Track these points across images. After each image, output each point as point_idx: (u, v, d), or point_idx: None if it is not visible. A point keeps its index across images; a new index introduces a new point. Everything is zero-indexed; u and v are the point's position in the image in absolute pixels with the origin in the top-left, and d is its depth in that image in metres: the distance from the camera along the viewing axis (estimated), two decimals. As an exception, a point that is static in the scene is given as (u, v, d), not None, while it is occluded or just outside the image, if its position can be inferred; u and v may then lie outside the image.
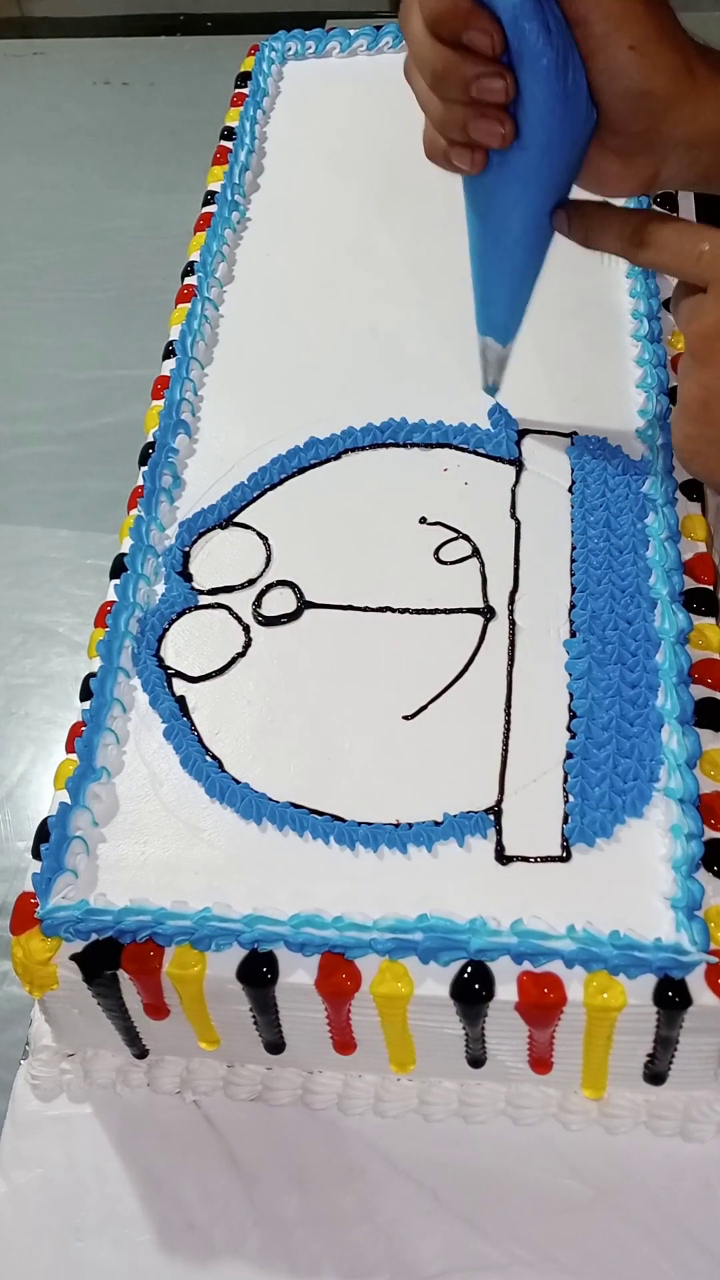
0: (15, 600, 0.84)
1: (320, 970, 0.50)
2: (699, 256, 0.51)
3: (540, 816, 0.53)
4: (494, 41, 0.49)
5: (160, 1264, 0.53)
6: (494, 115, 0.51)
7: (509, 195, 0.54)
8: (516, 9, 0.48)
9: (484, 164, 0.53)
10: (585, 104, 0.51)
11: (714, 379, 0.50)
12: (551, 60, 0.49)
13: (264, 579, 0.63)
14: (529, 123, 0.51)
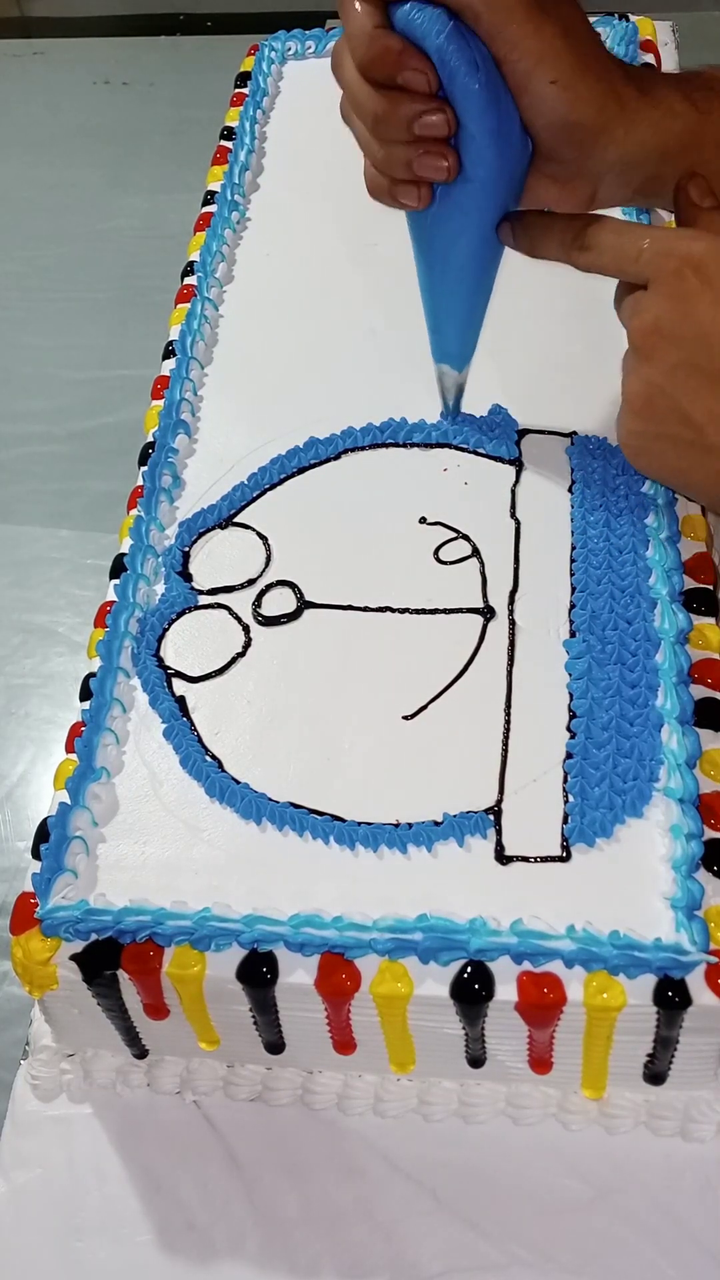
0: (15, 600, 0.84)
1: (320, 970, 0.50)
2: (638, 255, 0.51)
3: (540, 816, 0.53)
4: (429, 79, 0.50)
5: (160, 1264, 0.53)
6: (437, 150, 0.52)
7: (453, 226, 0.56)
8: (443, 49, 0.50)
9: (430, 199, 0.54)
10: (519, 135, 0.53)
11: (656, 374, 0.51)
12: (482, 96, 0.51)
13: (264, 579, 0.63)
14: (469, 156, 0.52)
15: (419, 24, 0.50)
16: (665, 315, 0.50)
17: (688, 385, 0.50)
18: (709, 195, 0.54)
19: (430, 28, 0.50)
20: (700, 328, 0.50)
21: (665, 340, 0.51)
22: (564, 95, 0.52)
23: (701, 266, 0.50)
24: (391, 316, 0.74)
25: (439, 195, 0.54)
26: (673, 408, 0.51)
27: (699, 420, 0.51)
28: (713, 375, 0.50)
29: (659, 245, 0.51)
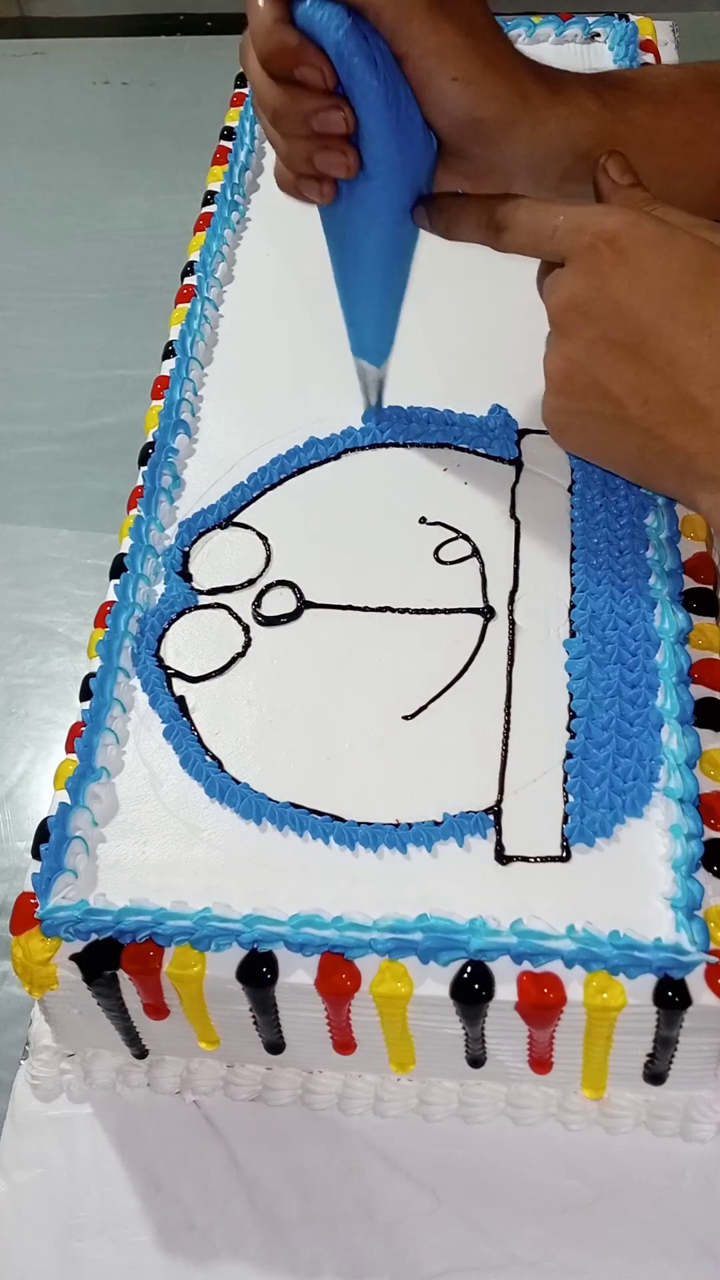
0: (15, 600, 0.83)
1: (320, 970, 0.50)
2: (553, 232, 0.51)
3: (540, 816, 0.53)
4: (325, 76, 0.50)
5: (160, 1264, 0.53)
6: (337, 147, 0.52)
7: (360, 223, 0.55)
8: (341, 45, 0.50)
9: (334, 194, 0.54)
10: (422, 133, 0.53)
11: (574, 350, 0.51)
12: (380, 93, 0.50)
13: (264, 579, 0.63)
14: (370, 154, 0.52)
15: (318, 20, 0.50)
16: (581, 291, 0.50)
17: (605, 360, 0.50)
18: (628, 172, 0.53)
19: (329, 24, 0.50)
20: (615, 302, 0.49)
21: (582, 316, 0.50)
22: (466, 92, 0.52)
23: (615, 240, 0.49)
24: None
25: (344, 191, 0.54)
26: (592, 383, 0.51)
27: (618, 394, 0.50)
28: (629, 349, 0.49)
29: (573, 221, 0.51)
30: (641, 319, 0.49)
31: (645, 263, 0.49)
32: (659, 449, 0.50)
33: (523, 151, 0.54)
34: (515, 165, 0.55)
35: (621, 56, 0.87)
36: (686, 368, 0.48)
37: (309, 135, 0.52)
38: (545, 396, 0.54)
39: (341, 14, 0.50)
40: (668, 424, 0.50)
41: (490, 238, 0.54)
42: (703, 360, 0.48)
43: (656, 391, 0.49)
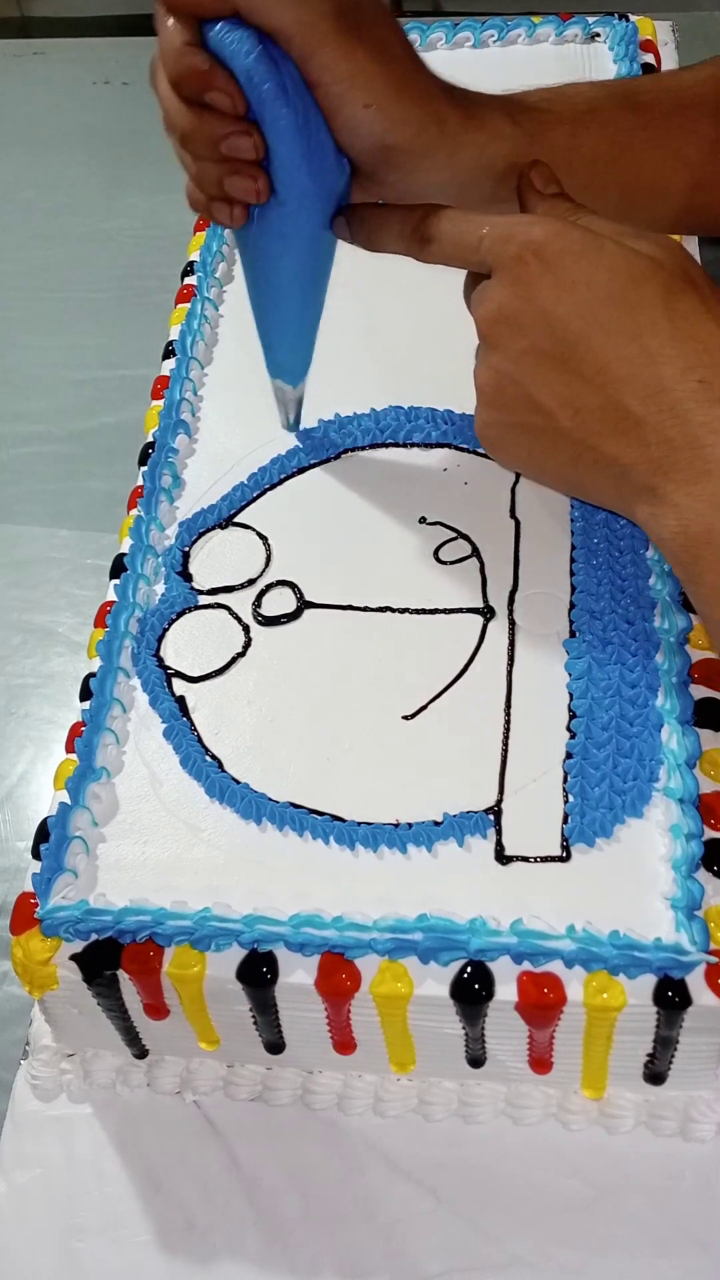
0: (15, 600, 0.83)
1: (320, 970, 0.50)
2: (478, 243, 0.50)
3: (540, 816, 0.53)
4: (234, 102, 0.50)
5: (160, 1264, 0.53)
6: (247, 172, 0.51)
7: (272, 247, 0.55)
8: (250, 70, 0.49)
9: (245, 218, 0.54)
10: (335, 159, 0.52)
11: (503, 361, 0.50)
12: (290, 120, 0.50)
13: (264, 579, 0.63)
14: (281, 179, 0.52)
15: (228, 45, 0.49)
16: (508, 302, 0.49)
17: (535, 371, 0.49)
18: (552, 182, 0.53)
19: (239, 49, 0.49)
20: (544, 313, 0.48)
21: (510, 327, 0.49)
22: (379, 118, 0.51)
23: (542, 251, 0.48)
24: (391, 315, 0.74)
25: (255, 216, 0.54)
26: (522, 395, 0.50)
27: (549, 405, 0.49)
28: (559, 359, 0.49)
29: (498, 232, 0.50)
30: (570, 329, 0.48)
31: (572, 273, 0.48)
32: (592, 460, 0.49)
33: (439, 178, 0.53)
34: (432, 191, 0.54)
35: (621, 56, 0.86)
36: (618, 377, 0.47)
37: (219, 159, 0.51)
38: (476, 410, 0.53)
39: (252, 39, 0.49)
40: (601, 434, 0.49)
41: (414, 249, 0.53)
42: (634, 369, 0.47)
43: (588, 402, 0.48)
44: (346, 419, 0.69)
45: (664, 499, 0.47)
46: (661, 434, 0.47)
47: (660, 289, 0.47)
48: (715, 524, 0.46)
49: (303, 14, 0.49)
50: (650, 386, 0.47)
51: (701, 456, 0.46)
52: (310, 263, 0.57)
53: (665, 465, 0.47)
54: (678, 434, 0.46)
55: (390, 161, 0.53)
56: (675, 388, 0.46)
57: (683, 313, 0.47)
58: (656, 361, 0.47)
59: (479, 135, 0.54)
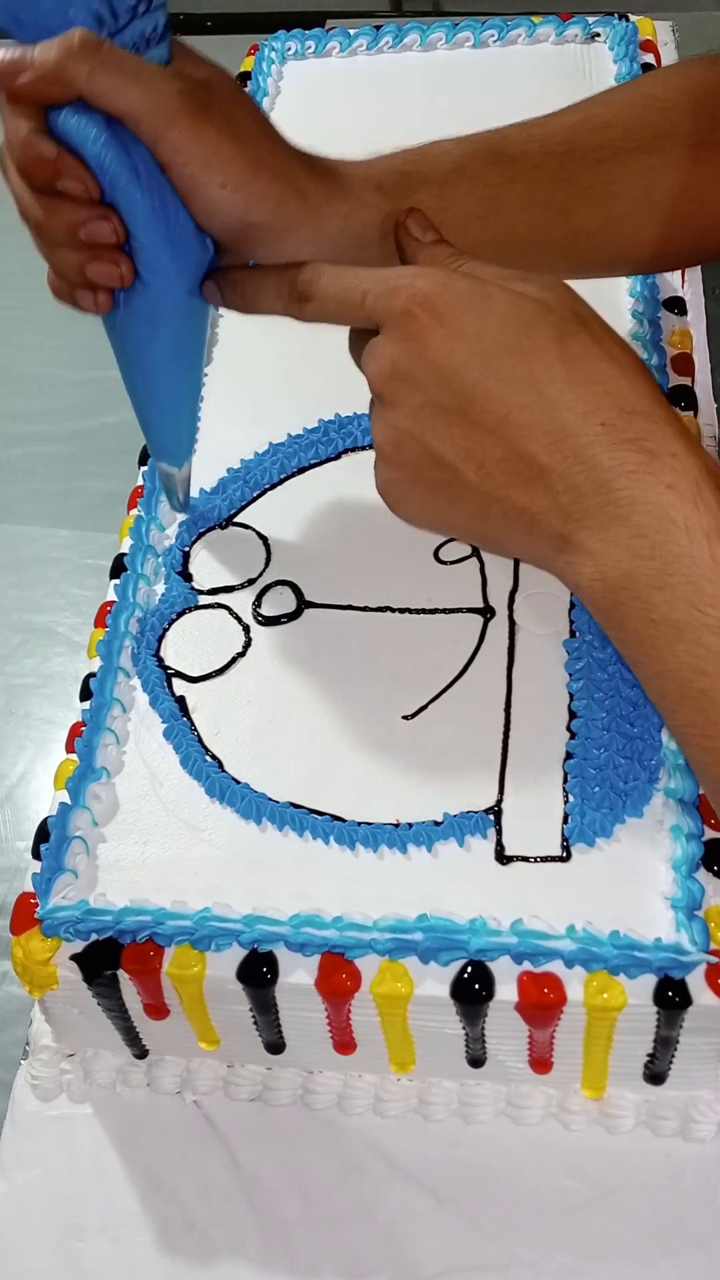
0: (15, 600, 0.83)
1: (320, 970, 0.50)
2: (362, 300, 0.49)
3: (540, 816, 0.53)
4: (87, 188, 0.48)
5: (160, 1264, 0.53)
6: (108, 258, 0.50)
7: (141, 330, 0.54)
8: (100, 157, 0.48)
9: (110, 304, 0.52)
10: (195, 239, 0.51)
11: (402, 419, 0.48)
12: (146, 204, 0.49)
13: (264, 579, 0.63)
14: (143, 262, 0.50)
15: (75, 131, 0.48)
16: (401, 358, 0.47)
17: (435, 426, 0.47)
18: (429, 229, 0.51)
19: (86, 135, 0.47)
20: (437, 366, 0.47)
21: (404, 383, 0.47)
22: (237, 198, 0.50)
23: (429, 303, 0.47)
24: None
25: (121, 300, 0.52)
26: (423, 451, 0.48)
27: (451, 460, 0.47)
28: (457, 412, 0.47)
29: (383, 286, 0.48)
30: (466, 381, 0.46)
31: (462, 323, 0.46)
32: (501, 511, 0.48)
33: (305, 251, 0.52)
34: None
35: (621, 56, 0.86)
36: (519, 426, 0.46)
37: (78, 246, 0.50)
38: (376, 468, 0.50)
39: (99, 123, 0.47)
40: (507, 485, 0.47)
41: (293, 309, 0.52)
42: (535, 417, 0.46)
43: (492, 453, 0.47)
44: (346, 419, 0.68)
45: (578, 546, 0.46)
46: (568, 481, 0.45)
47: (552, 332, 0.46)
48: (632, 569, 0.44)
49: (149, 96, 0.47)
50: (553, 434, 0.45)
51: (612, 501, 0.44)
52: (181, 341, 0.55)
53: (575, 512, 0.45)
54: (585, 480, 0.45)
55: (253, 239, 0.52)
56: (578, 433, 0.45)
57: (577, 354, 0.46)
58: (557, 407, 0.45)
59: (343, 205, 0.53)
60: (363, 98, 0.89)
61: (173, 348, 0.55)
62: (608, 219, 0.58)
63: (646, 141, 0.58)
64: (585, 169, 0.57)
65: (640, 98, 0.60)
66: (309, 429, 0.69)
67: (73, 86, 0.47)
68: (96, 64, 0.47)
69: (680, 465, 0.44)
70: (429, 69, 0.91)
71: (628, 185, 0.57)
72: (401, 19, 0.99)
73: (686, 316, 0.73)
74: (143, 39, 0.49)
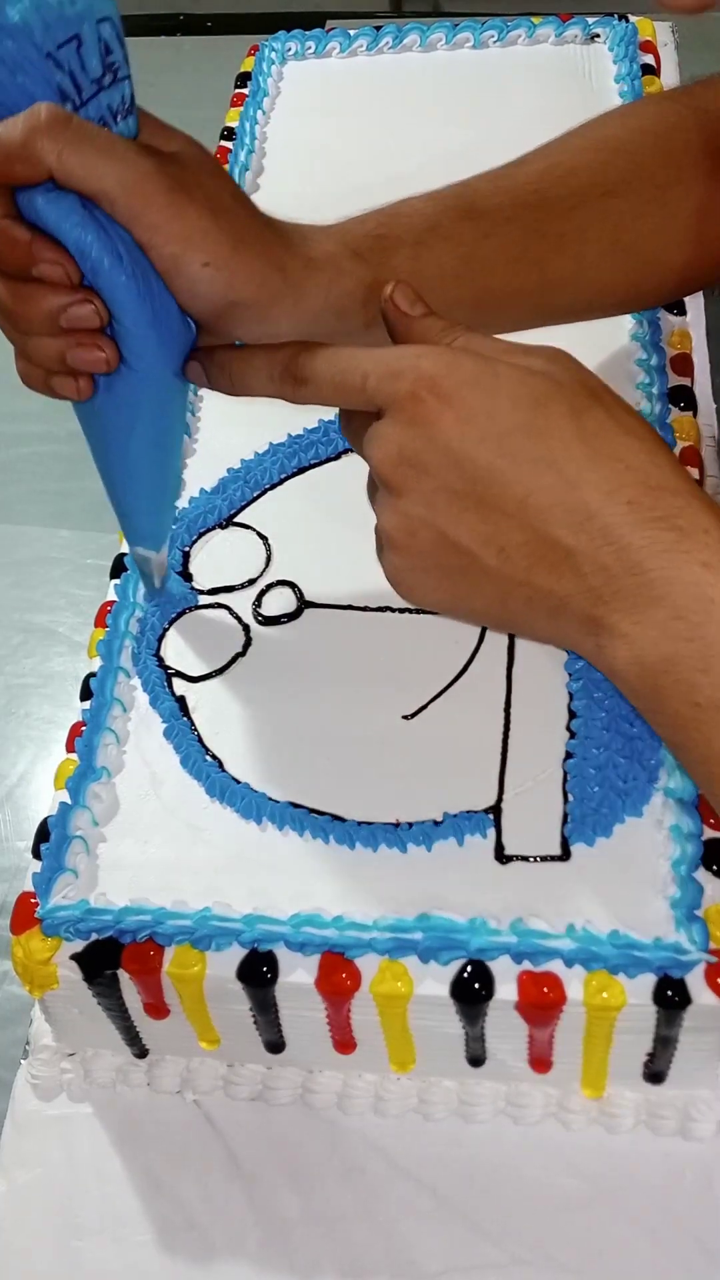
0: (15, 600, 0.84)
1: (320, 970, 0.50)
2: (362, 383, 0.47)
3: (540, 816, 0.53)
4: (68, 271, 0.46)
5: (160, 1264, 0.53)
6: (91, 343, 0.48)
7: (122, 417, 0.52)
8: (80, 242, 0.45)
9: (91, 390, 0.50)
10: (179, 319, 0.49)
11: (413, 506, 0.46)
12: (131, 287, 0.46)
13: (264, 579, 0.63)
14: (129, 347, 0.48)
15: (50, 215, 0.45)
16: (409, 443, 0.45)
17: (449, 512, 0.45)
18: (418, 301, 0.49)
19: (64, 219, 0.45)
20: (448, 450, 0.45)
21: (414, 469, 0.45)
22: (220, 276, 0.48)
23: (436, 385, 0.45)
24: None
25: (102, 385, 0.50)
26: (438, 537, 0.46)
27: (469, 546, 0.46)
28: (472, 497, 0.45)
29: (385, 369, 0.46)
30: (480, 464, 0.45)
31: (472, 404, 0.45)
32: (524, 596, 0.46)
33: (286, 327, 0.50)
34: (280, 338, 0.51)
35: (621, 57, 0.87)
36: (540, 508, 0.44)
37: (57, 333, 0.47)
38: (385, 557, 0.48)
39: (76, 206, 0.45)
40: (530, 569, 0.45)
41: (286, 390, 0.50)
42: (556, 498, 0.44)
43: (512, 537, 0.45)
44: (346, 419, 0.68)
45: (610, 630, 0.44)
46: (597, 562, 0.44)
47: (566, 409, 0.45)
48: (671, 652, 0.43)
49: (125, 175, 0.45)
50: (577, 514, 0.44)
51: (646, 582, 0.43)
52: (164, 424, 0.53)
53: (606, 595, 0.44)
54: (614, 561, 0.43)
55: (235, 317, 0.50)
56: (603, 512, 0.43)
57: (594, 431, 0.45)
58: (578, 487, 0.44)
59: (321, 276, 0.51)
60: (363, 98, 0.89)
61: (156, 429, 0.53)
62: (579, 267, 0.58)
63: (613, 185, 0.57)
64: (555, 219, 0.56)
65: (602, 141, 0.59)
66: (309, 429, 0.69)
67: (42, 165, 0.44)
68: (66, 141, 0.44)
69: (713, 541, 0.43)
70: (429, 69, 0.91)
71: (597, 232, 0.57)
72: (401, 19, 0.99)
73: (686, 316, 0.73)
74: (110, 112, 0.47)
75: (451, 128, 0.86)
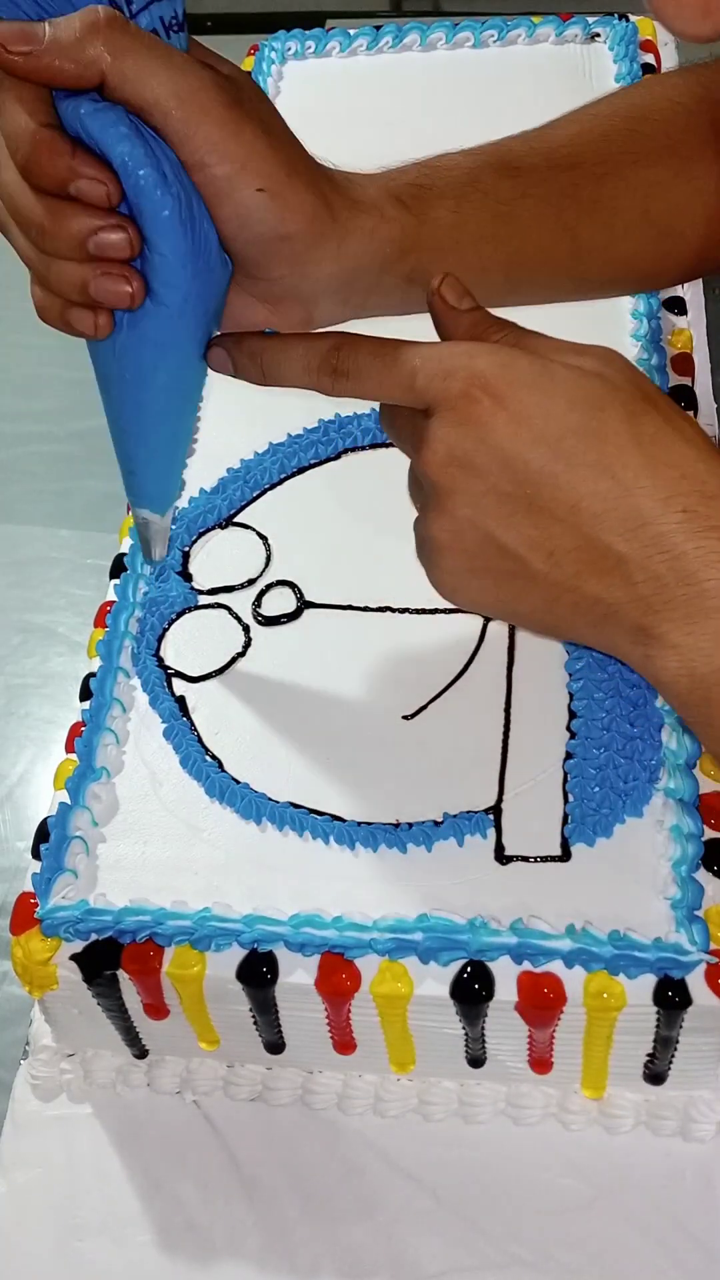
0: (15, 600, 0.84)
1: (320, 970, 0.50)
2: (411, 380, 0.45)
3: (540, 816, 0.53)
4: (110, 191, 0.42)
5: (160, 1264, 0.53)
6: (118, 273, 0.43)
7: (144, 359, 0.47)
8: (127, 156, 0.41)
9: (111, 327, 0.46)
10: (218, 254, 0.45)
11: (462, 506, 0.45)
12: (174, 211, 0.42)
13: (264, 579, 0.63)
14: (161, 279, 0.44)
15: (96, 125, 0.41)
16: (459, 443, 0.44)
17: (499, 514, 0.44)
18: (466, 295, 0.47)
19: (109, 131, 0.41)
20: (502, 451, 0.44)
21: (465, 470, 0.44)
22: (273, 205, 0.45)
23: (490, 385, 0.44)
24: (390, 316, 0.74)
25: (124, 323, 0.45)
26: (486, 540, 0.45)
27: (517, 549, 0.45)
28: (523, 500, 0.44)
29: (437, 366, 0.45)
30: (532, 467, 0.44)
31: (527, 406, 0.44)
32: (572, 602, 0.45)
33: (328, 271, 0.48)
34: (320, 286, 0.49)
35: (621, 56, 0.86)
36: (593, 514, 0.43)
37: (83, 259, 0.43)
38: (431, 557, 0.47)
39: (125, 117, 0.41)
40: (580, 575, 0.44)
41: (324, 383, 0.48)
42: (610, 504, 0.43)
43: (562, 542, 0.44)
44: (346, 419, 0.68)
45: (660, 639, 0.43)
46: (649, 571, 0.43)
47: (622, 413, 0.44)
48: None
49: (182, 85, 0.42)
50: (630, 521, 0.43)
51: (700, 592, 0.42)
52: (186, 371, 0.49)
53: (656, 604, 0.43)
54: (667, 570, 0.42)
55: (281, 255, 0.47)
56: (658, 520, 0.42)
57: (650, 436, 0.44)
58: (633, 493, 0.43)
59: (366, 220, 0.49)
60: (363, 98, 0.89)
61: (178, 378, 0.49)
62: (609, 237, 0.56)
63: (642, 155, 0.57)
64: (589, 184, 0.55)
65: (631, 108, 0.58)
66: (309, 429, 0.69)
67: (94, 68, 0.40)
68: (124, 45, 0.41)
69: None
70: (429, 69, 0.91)
71: (628, 201, 0.56)
72: (401, 19, 0.98)
73: (686, 316, 0.73)
74: (162, 25, 0.43)
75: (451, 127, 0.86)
